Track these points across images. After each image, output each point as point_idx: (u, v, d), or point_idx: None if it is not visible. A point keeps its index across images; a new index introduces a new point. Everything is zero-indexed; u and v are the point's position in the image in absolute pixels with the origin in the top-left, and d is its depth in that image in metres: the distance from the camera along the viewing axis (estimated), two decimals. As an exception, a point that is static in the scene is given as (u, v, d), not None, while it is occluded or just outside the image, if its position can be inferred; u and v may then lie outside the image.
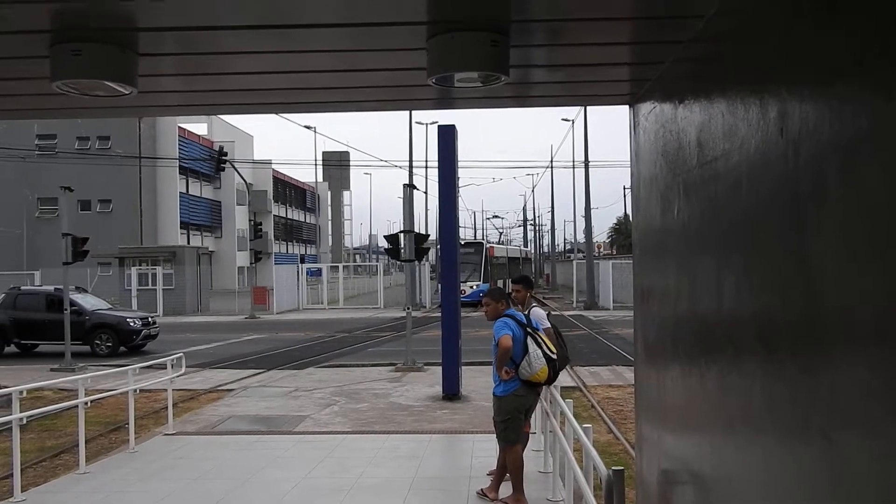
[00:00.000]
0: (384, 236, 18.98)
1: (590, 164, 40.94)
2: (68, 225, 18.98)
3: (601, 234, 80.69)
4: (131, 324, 21.75)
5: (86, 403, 8.77)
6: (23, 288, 24.13)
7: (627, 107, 4.03)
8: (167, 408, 10.71)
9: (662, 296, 3.63)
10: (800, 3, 1.92)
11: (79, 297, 21.46)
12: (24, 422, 7.88)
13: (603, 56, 3.40)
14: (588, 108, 39.57)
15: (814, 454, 1.87)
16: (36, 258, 41.93)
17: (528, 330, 6.77)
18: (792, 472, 2.01)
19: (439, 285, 18.10)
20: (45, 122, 47.54)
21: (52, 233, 27.77)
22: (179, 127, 53.55)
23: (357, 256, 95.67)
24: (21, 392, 7.78)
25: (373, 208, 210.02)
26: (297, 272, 41.17)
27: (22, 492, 7.31)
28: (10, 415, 7.46)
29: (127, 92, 3.10)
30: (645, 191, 3.78)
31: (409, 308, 18.38)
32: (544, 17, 2.93)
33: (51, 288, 22.66)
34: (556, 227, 70.40)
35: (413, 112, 41.86)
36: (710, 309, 2.80)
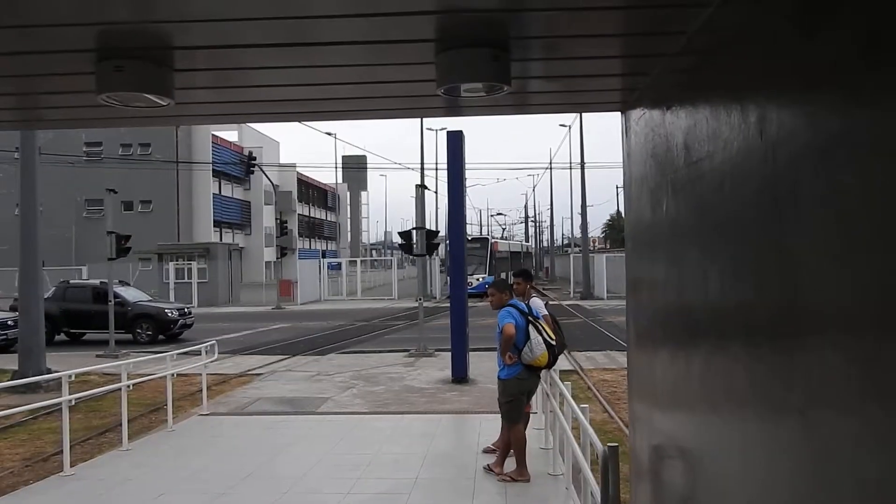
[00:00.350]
0: (398, 233, 19.00)
1: (585, 165, 40.91)
2: (112, 224, 19.08)
3: (596, 229, 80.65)
4: (169, 314, 21.81)
5: (128, 386, 8.84)
6: (71, 281, 24.19)
7: (620, 113, 4.03)
8: (202, 390, 10.77)
9: (652, 286, 3.62)
10: (776, 20, 1.92)
11: (122, 290, 21.49)
12: (73, 403, 7.92)
13: (595, 68, 3.40)
14: (583, 114, 39.53)
15: (791, 429, 1.87)
16: (83, 254, 42.21)
17: (530, 318, 6.78)
18: (771, 445, 2.02)
19: (448, 278, 18.11)
20: (91, 131, 47.78)
21: (97, 231, 27.93)
22: (213, 134, 53.67)
23: (373, 252, 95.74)
24: (70, 376, 7.85)
25: (388, 207, 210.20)
26: (319, 266, 41.21)
27: (71, 466, 7.37)
28: (61, 397, 7.54)
29: (164, 103, 3.13)
30: (636, 189, 3.77)
31: (420, 299, 18.40)
32: (540, 35, 2.93)
33: (96, 281, 22.73)
34: (554, 223, 70.38)
35: (424, 119, 41.92)
36: (697, 298, 2.79)
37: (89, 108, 3.71)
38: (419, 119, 41.43)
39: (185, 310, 22.96)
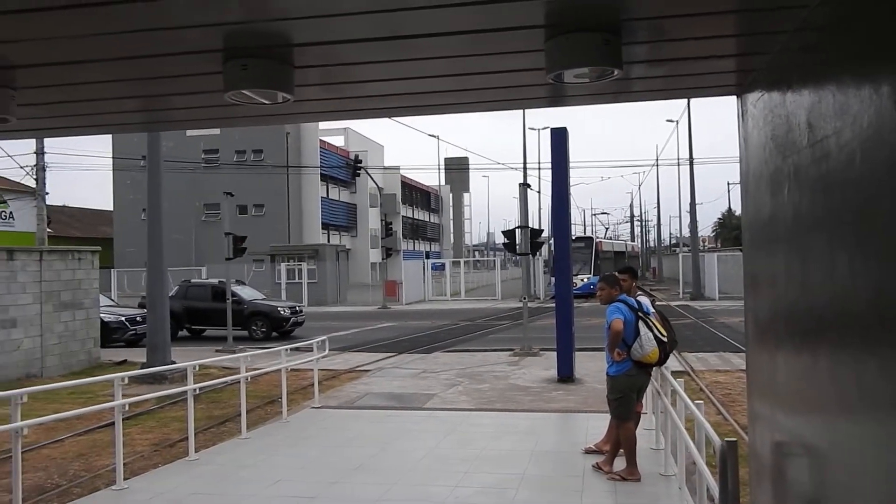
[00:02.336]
0: (502, 232, 19.00)
1: (694, 161, 39.52)
2: (229, 226, 20.04)
3: (706, 228, 77.88)
4: (282, 312, 22.63)
5: (247, 378, 9.27)
6: (193, 281, 25.43)
7: (735, 97, 3.87)
8: (313, 385, 11.16)
9: (773, 278, 3.46)
10: None
11: (238, 289, 22.41)
12: (197, 392, 8.40)
13: (709, 49, 3.28)
14: (690, 110, 38.21)
15: None
16: (202, 256, 44.66)
17: (640, 314, 6.64)
18: None
19: (552, 278, 17.95)
20: (209, 139, 50.47)
21: (214, 234, 29.51)
22: (320, 140, 55.51)
23: (476, 252, 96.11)
24: (195, 367, 8.32)
25: (490, 208, 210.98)
26: (423, 267, 41.81)
27: (195, 452, 7.82)
28: (185, 387, 8.01)
29: (286, 100, 3.28)
30: (754, 176, 3.62)
31: (524, 298, 18.31)
32: (652, 16, 2.86)
33: (215, 281, 23.88)
34: (661, 222, 68.38)
35: (526, 119, 41.76)
36: (823, 288, 2.65)
37: (214, 108, 3.93)
38: (521, 119, 41.31)
39: (297, 308, 23.77)
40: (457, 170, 76.23)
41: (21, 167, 28.86)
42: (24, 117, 3.83)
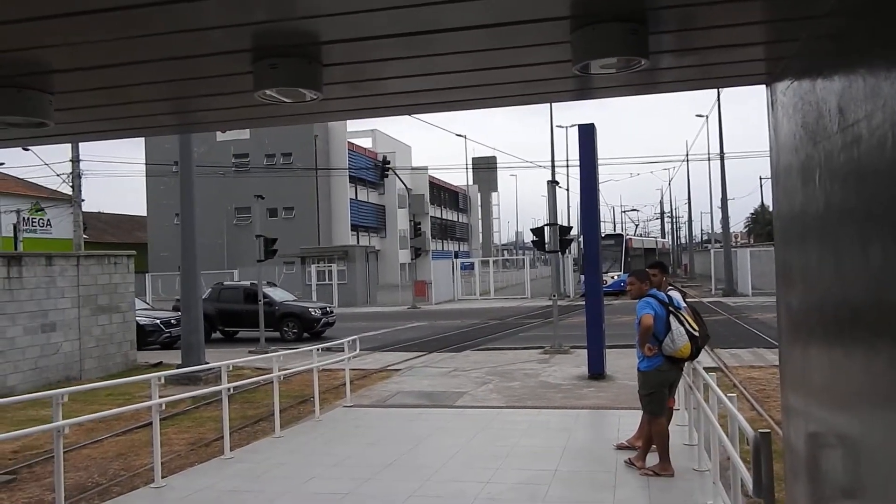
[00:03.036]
0: (531, 230, 18.95)
1: (725, 155, 39.05)
2: (260, 228, 20.26)
3: (737, 224, 76.78)
4: (313, 313, 22.77)
5: (280, 377, 9.37)
6: (225, 283, 25.67)
7: (764, 86, 3.82)
8: (345, 384, 11.24)
9: (805, 268, 3.41)
10: None
11: (270, 290, 22.57)
12: (231, 391, 8.52)
13: (737, 37, 3.24)
14: (720, 102, 37.69)
15: None
16: (234, 259, 45.20)
17: (671, 308, 6.59)
18: None
19: (581, 276, 17.84)
20: (239, 144, 51.04)
21: (245, 237, 30.01)
22: (348, 142, 55.80)
23: (505, 252, 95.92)
24: (228, 366, 8.43)
25: (519, 207, 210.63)
26: (452, 267, 41.83)
27: (231, 450, 7.93)
28: (220, 388, 8.12)
29: (313, 98, 3.32)
30: (784, 166, 3.57)
31: (554, 296, 18.25)
32: (678, 4, 2.84)
33: (247, 283, 24.12)
34: (692, 218, 67.64)
35: (553, 116, 41.60)
36: (857, 279, 2.60)
37: (244, 109, 3.99)
38: (548, 117, 41.14)
39: (328, 309, 23.91)
40: (485, 169, 76.18)
41: (57, 175, 29.47)
42: (62, 122, 3.92)
